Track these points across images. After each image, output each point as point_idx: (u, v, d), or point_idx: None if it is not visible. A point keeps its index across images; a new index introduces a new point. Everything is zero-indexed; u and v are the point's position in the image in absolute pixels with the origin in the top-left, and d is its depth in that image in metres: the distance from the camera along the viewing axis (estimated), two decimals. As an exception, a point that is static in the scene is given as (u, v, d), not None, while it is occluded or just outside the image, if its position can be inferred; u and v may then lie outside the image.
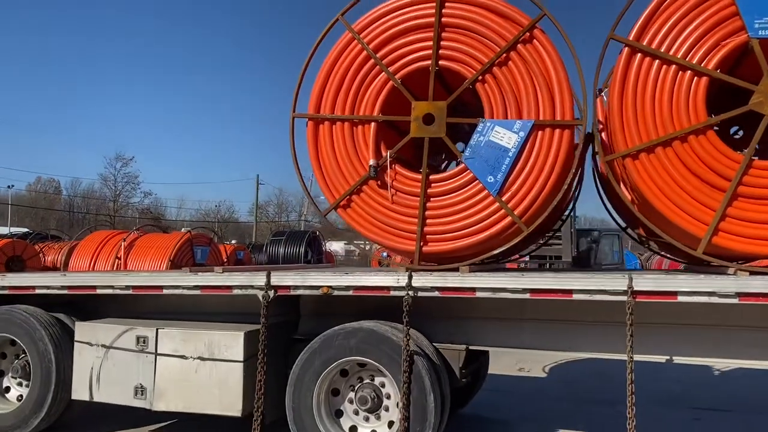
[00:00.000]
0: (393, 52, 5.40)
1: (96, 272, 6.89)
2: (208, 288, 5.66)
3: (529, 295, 4.86)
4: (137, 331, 5.78)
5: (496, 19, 5.16)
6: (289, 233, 29.73)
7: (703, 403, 8.23)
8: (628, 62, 4.83)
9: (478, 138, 5.12)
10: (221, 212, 73.63)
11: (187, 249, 13.85)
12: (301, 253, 26.81)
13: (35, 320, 6.11)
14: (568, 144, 4.99)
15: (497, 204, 5.08)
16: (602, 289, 4.68)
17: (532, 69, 5.06)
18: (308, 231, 32.18)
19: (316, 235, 29.64)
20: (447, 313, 5.59)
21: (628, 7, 4.85)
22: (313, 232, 30.17)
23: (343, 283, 5.30)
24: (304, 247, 27.04)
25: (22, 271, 19.36)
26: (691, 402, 8.28)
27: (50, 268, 21.63)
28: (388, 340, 5.17)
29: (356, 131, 5.49)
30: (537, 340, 5.47)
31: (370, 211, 5.41)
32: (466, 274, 5.05)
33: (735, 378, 9.74)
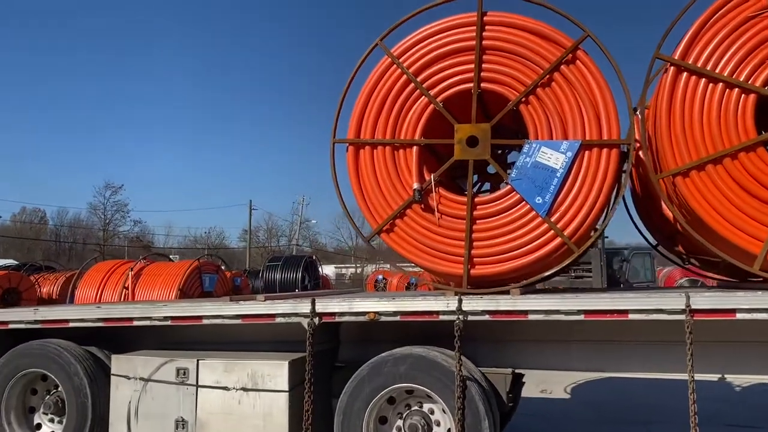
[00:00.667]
0: (433, 75, 5.40)
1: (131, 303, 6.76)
2: (250, 317, 5.57)
3: (583, 317, 4.81)
4: (177, 362, 5.66)
5: (538, 41, 5.18)
6: (285, 258, 29.59)
7: (740, 421, 8.17)
8: (675, 80, 4.86)
9: (525, 159, 5.11)
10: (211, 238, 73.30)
11: (196, 277, 13.70)
12: (299, 278, 26.67)
13: (69, 354, 5.98)
14: (615, 163, 4.99)
15: (546, 225, 5.05)
16: (659, 309, 4.64)
17: (576, 89, 5.08)
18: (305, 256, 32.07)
19: (313, 259, 29.52)
20: (490, 336, 5.53)
21: (672, 28, 4.89)
22: (310, 257, 30.06)
23: (390, 309, 5.23)
24: (301, 272, 26.92)
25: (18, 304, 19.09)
26: (728, 419, 8.21)
27: (46, 300, 21.36)
28: (439, 365, 5.09)
29: (398, 155, 5.47)
30: (585, 361, 5.41)
31: (415, 235, 5.37)
32: (517, 296, 5.00)
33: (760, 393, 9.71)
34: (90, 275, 14.24)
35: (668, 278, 30.86)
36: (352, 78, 5.58)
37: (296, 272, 27.14)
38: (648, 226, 6.74)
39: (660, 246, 7.00)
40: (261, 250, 70.74)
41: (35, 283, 21.18)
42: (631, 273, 16.91)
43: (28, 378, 6.18)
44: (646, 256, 17.95)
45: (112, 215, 61.95)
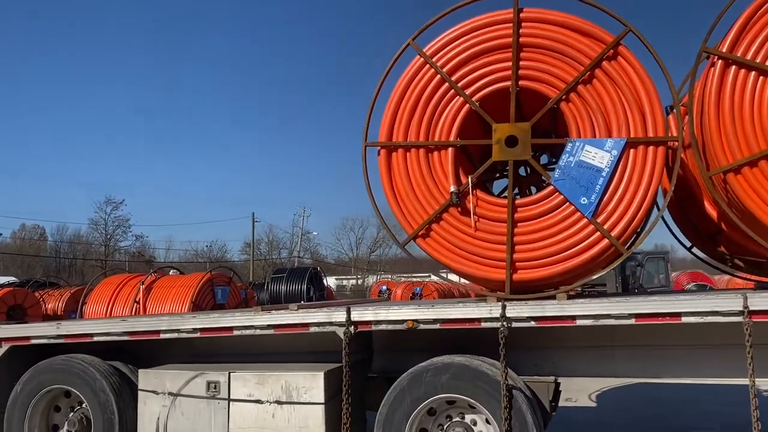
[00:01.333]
0: (468, 74, 5.24)
1: (158, 315, 6.57)
2: (282, 327, 5.38)
3: (634, 321, 4.63)
4: (208, 376, 5.47)
5: (577, 37, 5.03)
6: (290, 270, 29.41)
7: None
8: (722, 75, 4.70)
9: (568, 158, 4.95)
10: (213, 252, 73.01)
11: (208, 290, 13.50)
12: (303, 290, 26.47)
13: (94, 369, 5.79)
14: (663, 161, 4.82)
15: (591, 226, 4.88)
16: (715, 311, 4.46)
17: (619, 86, 4.92)
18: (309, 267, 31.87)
19: (318, 271, 29.33)
20: (531, 343, 5.34)
21: (717, 22, 4.74)
22: (314, 269, 29.86)
23: (429, 317, 5.05)
24: (306, 283, 26.72)
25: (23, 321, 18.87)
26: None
27: (51, 316, 21.13)
28: (484, 374, 4.90)
29: (432, 158, 5.30)
30: (632, 367, 5.22)
31: (452, 239, 5.19)
32: (564, 301, 4.82)
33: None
34: (99, 290, 14.03)
35: (675, 283, 30.70)
36: (384, 79, 5.43)
37: (301, 284, 26.95)
38: (683, 226, 6.56)
39: (694, 248, 6.83)
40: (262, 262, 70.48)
41: (40, 300, 21.00)
42: (645, 278, 16.68)
43: (51, 395, 5.97)
44: (660, 260, 17.72)
45: (114, 230, 61.65)
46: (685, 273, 32.15)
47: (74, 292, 22.43)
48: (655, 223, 5.04)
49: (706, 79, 4.83)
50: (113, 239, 62.07)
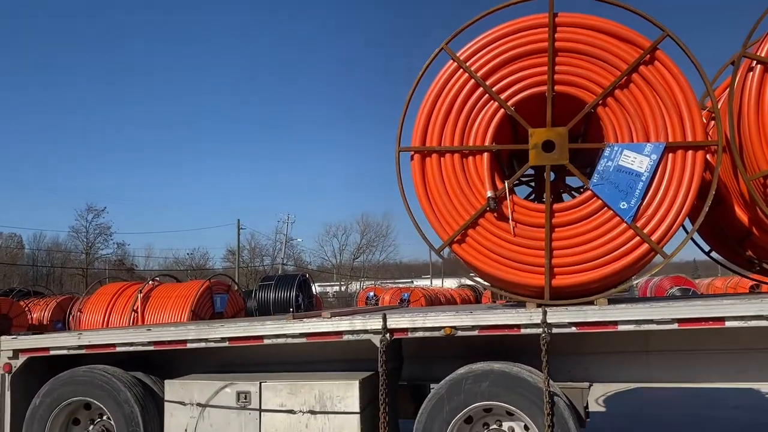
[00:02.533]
0: (503, 79, 5.21)
1: (184, 324, 6.40)
2: (315, 335, 5.29)
3: (677, 326, 4.61)
4: (238, 386, 5.35)
5: (614, 42, 5.02)
6: (278, 277, 29.13)
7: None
8: (762, 79, 4.73)
9: (606, 163, 4.93)
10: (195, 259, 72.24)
11: (207, 298, 13.31)
12: (292, 297, 26.25)
13: (118, 381, 5.63)
14: (702, 165, 4.83)
15: (630, 231, 4.86)
16: (760, 315, 4.46)
17: (657, 90, 4.92)
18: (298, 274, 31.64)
19: (306, 278, 29.12)
20: (564, 349, 5.30)
21: (757, 26, 4.76)
22: (303, 276, 29.65)
23: (468, 323, 4.99)
24: (295, 291, 26.51)
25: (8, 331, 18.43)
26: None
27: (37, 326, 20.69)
28: (524, 381, 4.85)
29: (467, 163, 5.26)
30: (666, 373, 5.21)
31: (489, 245, 5.14)
32: (605, 306, 4.80)
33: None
34: (95, 299, 13.76)
35: (658, 287, 30.99)
36: (417, 83, 5.38)
37: (290, 291, 26.70)
38: (701, 230, 6.57)
39: (713, 252, 6.86)
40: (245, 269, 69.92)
41: (26, 309, 20.58)
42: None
43: (72, 407, 5.80)
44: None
45: (95, 238, 60.73)
46: (668, 277, 32.43)
47: (60, 302, 22.04)
48: (695, 229, 5.04)
49: (744, 84, 4.85)
50: (94, 247, 61.13)
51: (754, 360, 4.95)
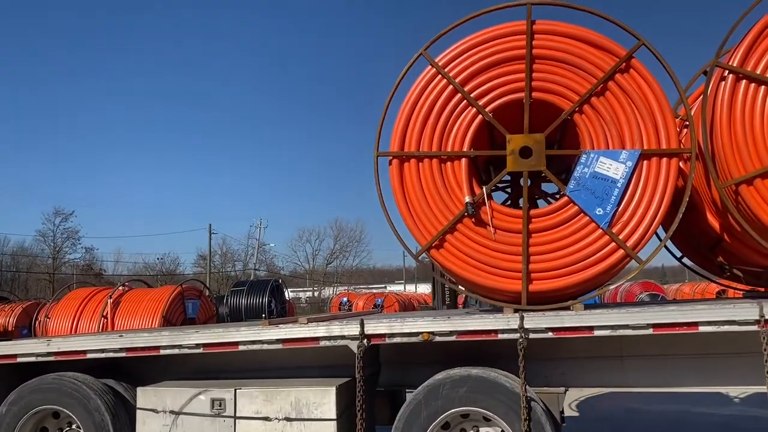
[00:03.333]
0: (481, 85, 5.23)
1: (157, 329, 6.27)
2: (292, 341, 5.23)
3: (652, 331, 4.67)
4: (212, 393, 5.27)
5: (590, 50, 5.08)
6: (250, 283, 28.85)
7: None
8: (734, 89, 4.81)
9: (582, 169, 4.97)
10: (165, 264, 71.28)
11: (179, 303, 13.11)
12: (265, 303, 26.03)
13: (88, 388, 5.50)
14: (676, 172, 4.90)
15: (606, 237, 4.91)
16: (731, 320, 4.53)
17: (632, 98, 4.98)
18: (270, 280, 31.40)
19: (279, 284, 28.89)
20: (540, 354, 5.32)
21: (729, 35, 4.86)
22: (276, 281, 29.42)
23: (446, 329, 4.98)
24: (267, 296, 26.28)
25: (-27, 337, 17.97)
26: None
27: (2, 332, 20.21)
28: (502, 387, 4.86)
29: (445, 168, 5.26)
30: (641, 377, 5.27)
31: (467, 250, 5.15)
32: (581, 311, 4.83)
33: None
34: (63, 305, 13.46)
35: (627, 293, 31.42)
36: (395, 88, 5.37)
37: (262, 297, 26.49)
38: (676, 237, 6.67)
39: (684, 258, 6.97)
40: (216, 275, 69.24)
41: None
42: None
43: (40, 416, 5.65)
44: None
45: (62, 243, 59.59)
46: (637, 283, 32.90)
47: (26, 307, 21.57)
48: (669, 235, 5.10)
49: (716, 93, 4.93)
50: (61, 252, 59.96)
51: (726, 364, 5.03)
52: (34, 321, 18.55)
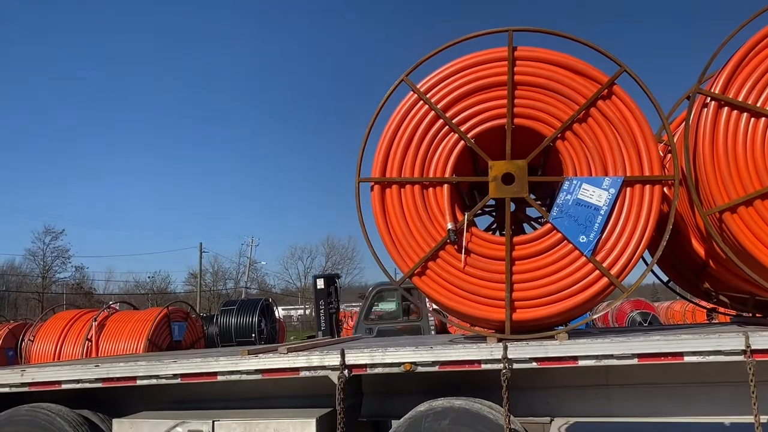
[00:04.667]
0: (463, 111, 5.19)
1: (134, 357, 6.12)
2: (271, 372, 5.13)
3: (637, 361, 4.59)
4: (190, 425, 5.14)
5: (572, 76, 5.05)
6: (240, 302, 28.60)
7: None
8: (716, 115, 4.79)
9: (565, 196, 4.92)
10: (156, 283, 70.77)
11: (165, 326, 12.93)
12: (255, 322, 25.79)
13: (63, 420, 5.37)
14: (659, 199, 4.86)
15: (591, 265, 4.85)
16: (717, 350, 4.47)
17: (614, 124, 4.95)
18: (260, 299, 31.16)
19: (269, 303, 28.66)
20: (525, 383, 5.23)
21: (711, 62, 4.84)
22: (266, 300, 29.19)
23: (428, 359, 4.89)
24: (257, 316, 26.05)
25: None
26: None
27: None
28: (485, 419, 4.75)
29: (427, 194, 5.20)
30: (626, 407, 5.18)
31: (449, 278, 5.08)
32: (565, 341, 4.75)
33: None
34: (48, 327, 13.24)
35: (619, 311, 31.36)
36: (377, 114, 5.31)
37: (252, 316, 26.22)
38: (660, 262, 6.62)
39: (671, 282, 6.92)
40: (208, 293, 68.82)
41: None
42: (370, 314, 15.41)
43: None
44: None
45: (52, 261, 59.09)
46: (628, 301, 32.84)
47: (13, 328, 21.23)
48: (654, 262, 5.05)
49: (698, 119, 4.91)
50: (51, 270, 59.45)
51: (713, 393, 4.95)
52: (20, 342, 18.27)
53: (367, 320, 15.15)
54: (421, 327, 14.66)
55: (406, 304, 15.60)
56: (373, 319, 15.41)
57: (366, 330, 14.75)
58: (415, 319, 15.09)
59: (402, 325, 14.82)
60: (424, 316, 14.91)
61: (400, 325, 14.90)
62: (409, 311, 15.66)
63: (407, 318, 15.33)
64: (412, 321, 15.03)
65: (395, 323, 15.11)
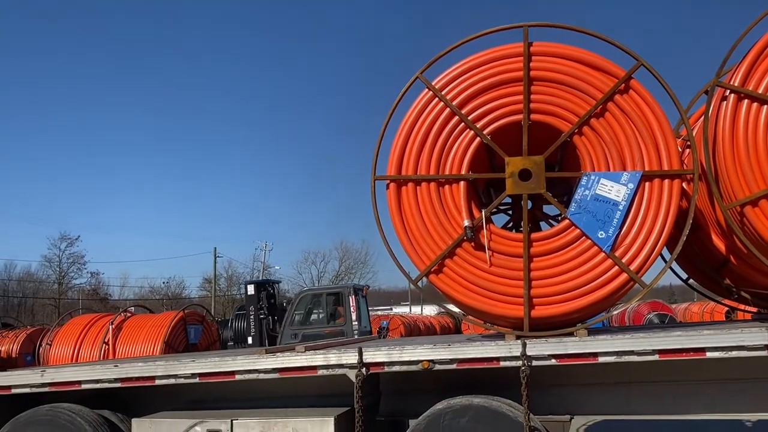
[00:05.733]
0: (479, 108, 5.17)
1: (153, 358, 6.17)
2: (289, 370, 5.12)
3: (658, 357, 4.54)
4: (208, 424, 5.15)
5: (589, 71, 5.02)
6: (255, 306, 28.69)
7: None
8: (736, 108, 4.73)
9: (584, 192, 4.89)
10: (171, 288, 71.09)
11: (181, 329, 12.99)
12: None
13: (83, 420, 5.40)
14: (679, 193, 4.80)
15: (609, 261, 4.81)
16: (740, 345, 4.41)
17: (632, 119, 4.91)
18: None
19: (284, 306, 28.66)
20: (544, 381, 5.18)
21: (730, 54, 4.79)
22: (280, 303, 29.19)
23: (446, 357, 4.87)
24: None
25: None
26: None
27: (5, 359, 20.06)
28: (505, 416, 4.72)
29: (443, 191, 5.18)
30: (648, 404, 5.11)
31: (466, 275, 5.05)
32: (585, 338, 4.71)
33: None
34: (65, 332, 13.35)
35: (635, 313, 31.06)
36: (392, 112, 5.31)
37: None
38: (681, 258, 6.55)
39: (690, 280, 6.84)
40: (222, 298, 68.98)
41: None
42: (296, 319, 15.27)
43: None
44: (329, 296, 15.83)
45: (68, 267, 59.60)
46: (645, 303, 32.53)
47: (31, 333, 21.40)
48: (674, 257, 5.00)
49: (718, 113, 4.85)
50: (67, 276, 59.98)
51: (735, 391, 4.88)
52: (38, 348, 18.43)
53: (292, 325, 15.13)
54: (345, 331, 14.64)
55: (332, 309, 15.65)
56: (298, 325, 15.40)
57: (292, 335, 14.73)
58: (341, 324, 15.11)
59: (327, 330, 14.84)
60: (348, 320, 14.91)
61: (325, 329, 14.92)
62: (335, 316, 15.67)
63: (333, 323, 15.35)
64: (337, 325, 15.07)
65: (321, 327, 15.12)
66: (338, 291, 15.65)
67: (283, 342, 13.98)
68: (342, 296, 15.01)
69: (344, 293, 14.97)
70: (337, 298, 15.27)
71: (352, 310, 14.56)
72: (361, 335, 14.07)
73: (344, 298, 14.86)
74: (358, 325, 14.39)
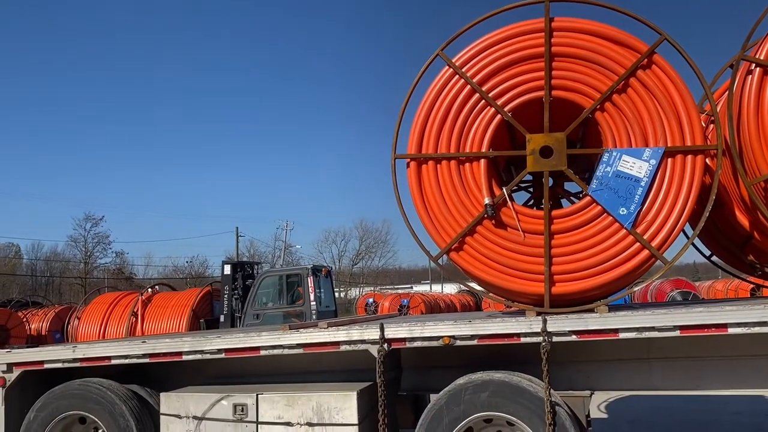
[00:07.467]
0: (499, 84, 5.15)
1: (177, 335, 6.33)
2: (312, 346, 5.22)
3: (679, 333, 4.54)
4: (234, 398, 5.27)
5: (611, 46, 4.97)
6: (275, 284, 28.99)
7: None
8: (761, 82, 4.67)
9: (605, 168, 4.87)
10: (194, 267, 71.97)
11: (207, 302, 13.21)
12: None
13: (113, 394, 5.56)
14: (702, 170, 4.77)
15: (631, 237, 4.80)
16: (763, 321, 4.39)
17: (655, 95, 4.86)
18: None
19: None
20: (565, 357, 5.22)
21: (756, 28, 4.72)
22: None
23: (466, 333, 4.92)
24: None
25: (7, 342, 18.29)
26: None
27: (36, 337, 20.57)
28: (526, 391, 4.77)
29: (464, 169, 5.19)
30: (669, 379, 5.12)
31: (487, 252, 5.08)
32: (605, 314, 4.73)
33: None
34: (92, 309, 13.65)
35: (658, 291, 30.81)
36: (412, 89, 5.32)
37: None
38: (704, 235, 6.50)
39: (713, 256, 6.80)
40: (244, 277, 69.52)
41: (24, 320, 20.47)
42: (257, 300, 15.13)
43: (67, 421, 5.72)
44: (291, 277, 15.87)
45: (93, 247, 60.56)
46: (668, 281, 32.25)
47: (59, 311, 21.91)
48: (696, 234, 4.97)
49: (743, 87, 4.79)
50: (92, 256, 60.96)
51: (756, 366, 4.88)
52: (67, 325, 18.88)
53: (254, 306, 15.25)
54: (303, 311, 14.78)
55: (293, 290, 15.78)
56: (260, 305, 15.49)
57: (253, 315, 14.87)
58: (300, 305, 15.26)
59: (286, 311, 14.98)
60: (307, 302, 15.04)
61: (284, 310, 15.05)
62: (295, 297, 15.88)
63: (293, 304, 15.49)
64: (296, 306, 15.22)
65: (280, 309, 15.23)
66: (297, 272, 15.88)
67: (245, 323, 14.12)
68: (301, 278, 15.18)
69: (303, 274, 15.16)
70: (297, 280, 15.46)
71: (311, 291, 14.75)
72: (321, 316, 14.27)
73: (303, 279, 15.04)
74: (317, 306, 14.56)
